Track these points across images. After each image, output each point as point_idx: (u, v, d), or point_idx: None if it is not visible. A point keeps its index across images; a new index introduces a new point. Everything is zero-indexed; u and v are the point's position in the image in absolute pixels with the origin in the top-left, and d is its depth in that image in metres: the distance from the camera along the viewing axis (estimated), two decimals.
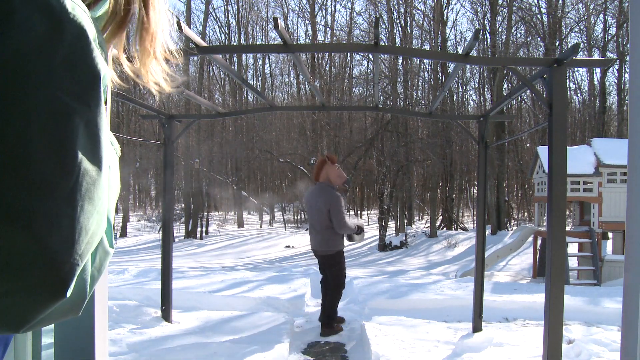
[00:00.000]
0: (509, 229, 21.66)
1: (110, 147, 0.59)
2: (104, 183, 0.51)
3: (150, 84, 0.70)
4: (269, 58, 31.51)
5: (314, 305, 6.24)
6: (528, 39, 23.85)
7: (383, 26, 22.65)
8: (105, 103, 0.56)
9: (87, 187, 0.47)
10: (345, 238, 4.95)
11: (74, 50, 0.47)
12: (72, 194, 0.46)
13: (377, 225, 21.12)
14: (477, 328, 4.70)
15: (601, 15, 23.30)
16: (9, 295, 0.44)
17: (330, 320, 4.94)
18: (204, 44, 3.10)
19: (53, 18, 0.46)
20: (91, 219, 0.48)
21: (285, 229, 27.83)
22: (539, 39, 23.32)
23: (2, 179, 0.42)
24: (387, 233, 20.75)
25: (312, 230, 4.91)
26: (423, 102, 23.75)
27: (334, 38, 27.42)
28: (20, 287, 0.44)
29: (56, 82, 0.46)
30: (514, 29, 22.67)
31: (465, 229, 24.71)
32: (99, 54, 0.51)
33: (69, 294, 0.47)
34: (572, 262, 11.94)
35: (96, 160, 0.49)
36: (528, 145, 26.77)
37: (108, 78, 0.57)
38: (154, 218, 31.44)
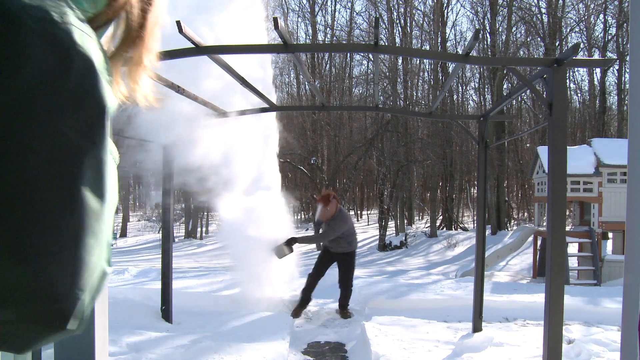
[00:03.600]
0: (509, 229, 21.67)
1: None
2: (108, 216, 0.50)
3: (138, 97, 0.66)
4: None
5: (314, 305, 6.24)
6: (528, 39, 23.85)
7: (383, 26, 22.64)
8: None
9: (90, 222, 0.47)
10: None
11: (81, 84, 0.47)
12: (75, 231, 0.46)
13: (377, 225, 21.14)
14: (477, 328, 4.70)
15: (601, 15, 23.30)
16: (11, 325, 0.45)
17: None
18: (204, 44, 3.10)
19: (60, 50, 0.45)
20: (93, 253, 0.48)
21: None
22: (539, 39, 23.32)
23: (6, 215, 0.42)
24: (387, 233, 20.75)
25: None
26: (423, 102, 23.76)
27: (334, 38, 27.40)
28: (20, 318, 0.45)
29: (62, 119, 0.45)
30: (514, 29, 22.68)
31: (465, 229, 24.71)
32: (106, 84, 0.49)
33: (69, 326, 0.47)
34: (572, 262, 11.94)
35: (100, 195, 0.48)
36: (528, 145, 26.77)
37: (114, 108, 0.56)
38: (154, 218, 31.43)
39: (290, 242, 5.72)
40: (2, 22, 0.43)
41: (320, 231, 5.79)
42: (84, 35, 0.47)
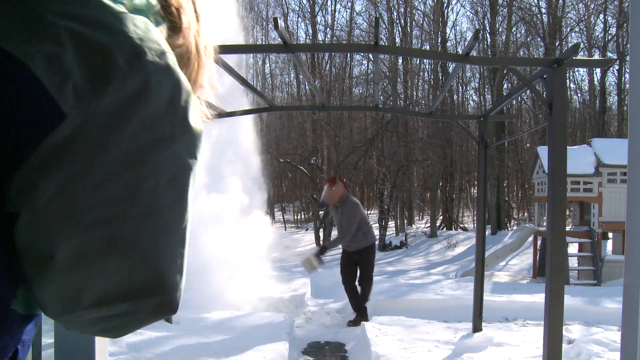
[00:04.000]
0: (509, 229, 21.65)
1: None
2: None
3: None
4: (269, 58, 31.51)
5: (313, 305, 6.25)
6: (528, 39, 23.83)
7: (383, 26, 22.62)
8: None
9: (189, 225, 0.54)
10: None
11: (186, 107, 0.52)
12: (184, 234, 0.53)
13: (377, 225, 21.12)
14: (477, 328, 4.70)
15: (601, 15, 23.29)
16: (127, 316, 0.51)
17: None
18: None
19: (174, 80, 0.51)
20: (188, 249, 0.55)
21: (285, 229, 27.81)
22: (539, 39, 23.30)
23: (140, 227, 0.48)
24: (387, 233, 20.74)
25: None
26: (423, 102, 23.74)
27: (334, 38, 27.37)
28: (137, 310, 0.51)
29: (178, 141, 0.51)
30: (514, 29, 22.65)
31: (465, 229, 24.69)
32: (198, 107, 0.55)
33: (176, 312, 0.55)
34: (572, 262, 11.93)
35: (192, 199, 0.55)
36: (528, 145, 26.74)
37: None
38: None
39: (321, 252, 5.39)
40: (134, 60, 0.48)
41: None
42: (176, 62, 0.53)
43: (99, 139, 0.46)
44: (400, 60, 22.73)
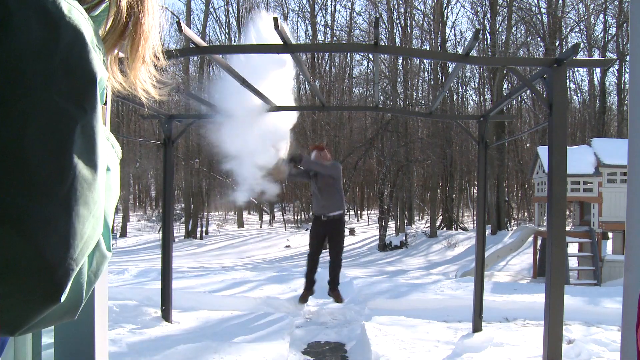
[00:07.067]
0: (509, 229, 21.65)
1: (110, 149, 0.59)
2: (100, 187, 0.50)
3: (138, 90, 0.69)
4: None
5: (313, 305, 6.24)
6: (528, 39, 23.84)
7: (383, 26, 22.61)
8: (105, 104, 0.56)
9: (82, 191, 0.47)
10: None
11: (71, 53, 0.47)
12: (67, 198, 0.46)
13: (377, 225, 21.13)
14: (477, 328, 4.70)
15: (601, 15, 23.29)
16: (3, 298, 0.44)
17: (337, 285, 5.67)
18: (204, 44, 3.10)
19: (49, 21, 0.46)
20: (86, 223, 0.48)
21: (285, 228, 27.81)
22: (539, 39, 23.30)
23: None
24: (387, 233, 20.74)
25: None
26: (423, 102, 23.75)
27: (334, 38, 27.37)
28: (14, 290, 0.44)
29: (53, 86, 0.46)
30: (514, 29, 22.66)
31: (465, 229, 24.69)
32: (96, 57, 0.50)
33: (63, 298, 0.47)
34: (572, 262, 11.93)
35: (92, 164, 0.49)
36: (528, 145, 26.76)
37: (106, 80, 0.57)
38: (154, 218, 31.42)
39: (294, 161, 5.02)
40: None
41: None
42: (72, 9, 0.48)
43: None
44: (400, 60, 22.74)
